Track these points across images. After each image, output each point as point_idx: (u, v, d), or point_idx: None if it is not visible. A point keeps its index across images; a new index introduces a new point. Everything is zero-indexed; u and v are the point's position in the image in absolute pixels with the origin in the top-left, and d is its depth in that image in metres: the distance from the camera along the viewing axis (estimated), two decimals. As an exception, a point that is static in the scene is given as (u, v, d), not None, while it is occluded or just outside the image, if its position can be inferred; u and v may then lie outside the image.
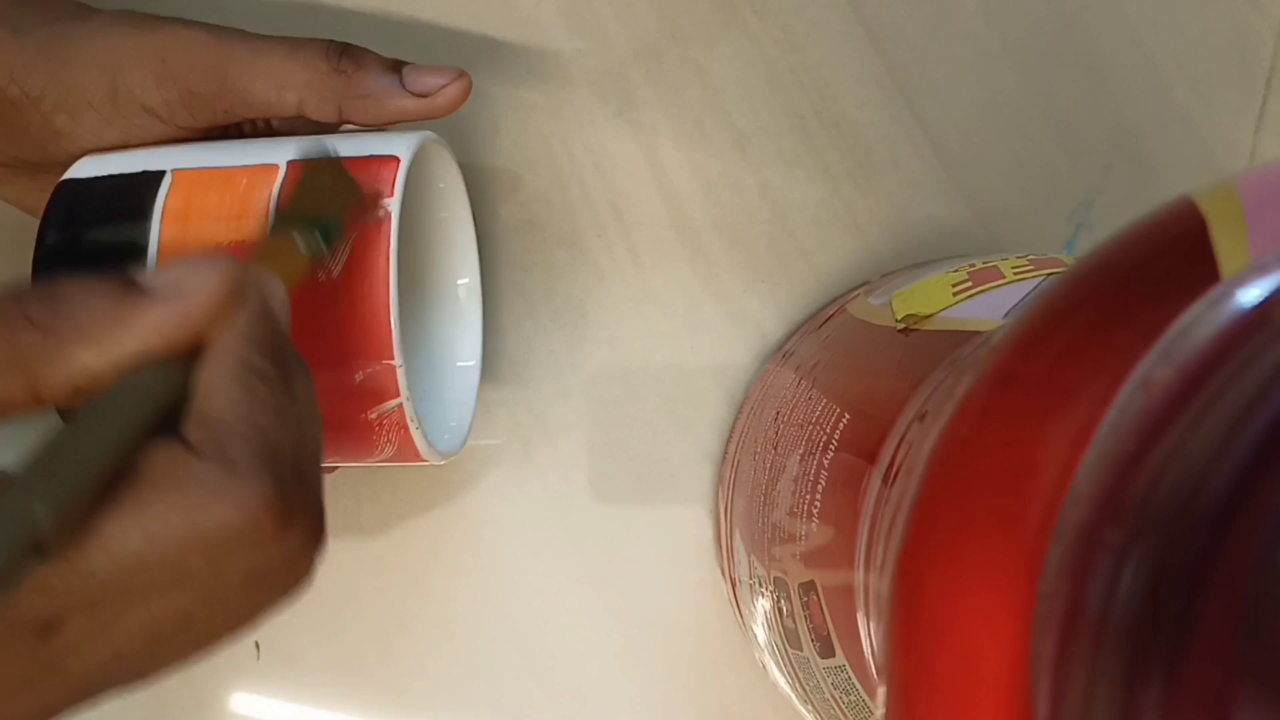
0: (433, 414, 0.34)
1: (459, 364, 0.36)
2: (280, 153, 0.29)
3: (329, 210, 0.27)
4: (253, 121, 0.31)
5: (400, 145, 0.28)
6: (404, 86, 0.30)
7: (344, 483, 0.38)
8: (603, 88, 0.39)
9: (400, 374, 0.28)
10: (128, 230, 0.28)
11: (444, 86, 0.30)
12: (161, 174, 0.29)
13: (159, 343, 0.21)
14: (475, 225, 0.36)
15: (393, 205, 0.27)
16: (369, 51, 0.30)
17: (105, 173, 0.29)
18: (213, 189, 0.28)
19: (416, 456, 0.30)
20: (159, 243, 0.28)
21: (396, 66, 0.30)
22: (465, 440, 0.34)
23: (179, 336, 0.21)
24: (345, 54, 0.30)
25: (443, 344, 0.36)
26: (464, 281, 0.36)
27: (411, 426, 0.29)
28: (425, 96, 0.30)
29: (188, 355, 0.21)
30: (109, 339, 0.20)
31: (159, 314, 0.21)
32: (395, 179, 0.27)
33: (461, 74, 0.30)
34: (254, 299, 0.22)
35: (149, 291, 0.21)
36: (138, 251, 0.28)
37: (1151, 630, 0.14)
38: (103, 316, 0.20)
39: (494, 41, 0.39)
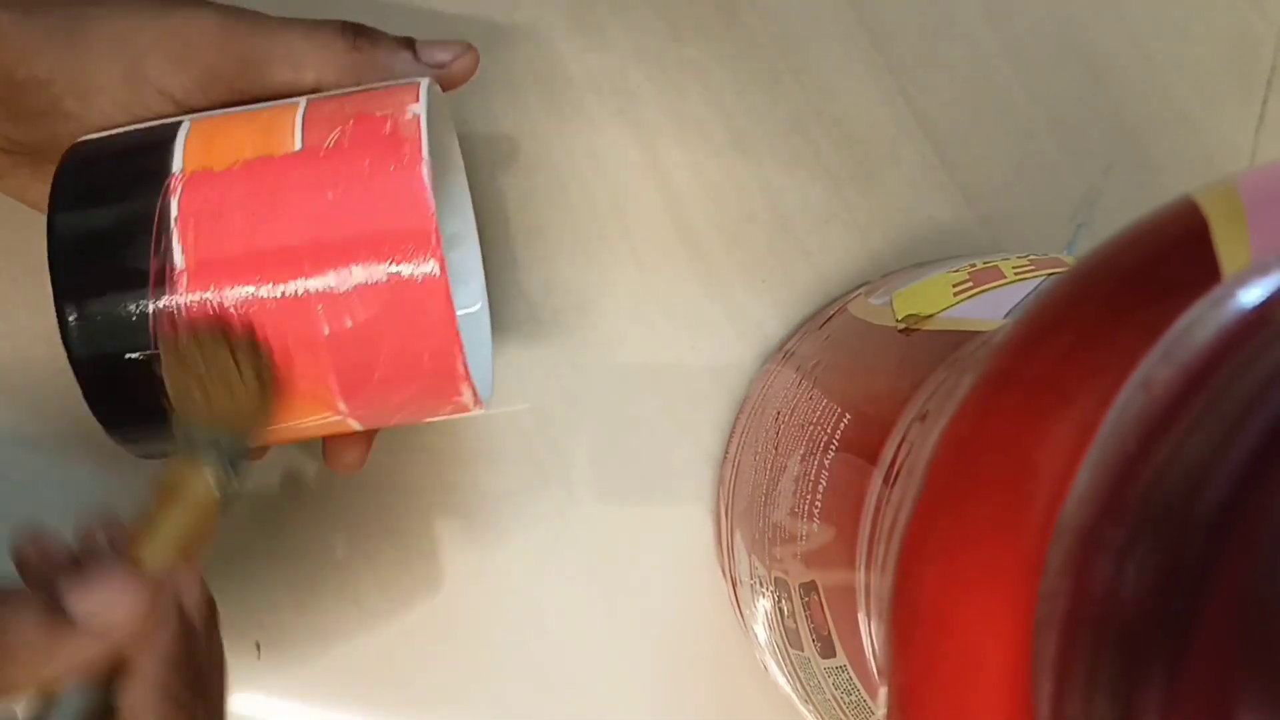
0: None
1: (462, 311, 0.34)
2: (298, 98, 0.29)
3: (235, 409, 0.26)
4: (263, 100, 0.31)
5: (416, 79, 0.29)
6: (419, 61, 0.31)
7: (345, 482, 0.38)
8: (603, 88, 0.39)
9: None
10: (148, 163, 0.28)
11: (457, 58, 0.32)
12: (179, 122, 0.29)
13: (83, 668, 0.23)
14: (476, 227, 0.36)
15: (419, 109, 0.28)
16: (381, 31, 0.31)
17: (121, 130, 0.29)
18: (235, 125, 0.28)
19: (460, 414, 0.29)
20: (184, 161, 0.27)
21: (410, 43, 0.32)
22: (491, 387, 0.33)
23: (102, 661, 0.23)
24: (360, 33, 0.31)
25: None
26: (458, 227, 0.35)
27: (469, 404, 0.28)
28: (439, 68, 0.31)
29: (110, 672, 0.24)
30: (38, 665, 0.23)
31: (84, 645, 0.23)
32: (419, 90, 0.28)
33: (470, 46, 0.32)
34: (172, 618, 0.24)
35: (75, 620, 0.23)
36: (158, 177, 0.27)
37: (1153, 630, 0.14)
38: (33, 646, 0.23)
39: (494, 41, 0.39)
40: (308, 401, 0.27)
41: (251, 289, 0.26)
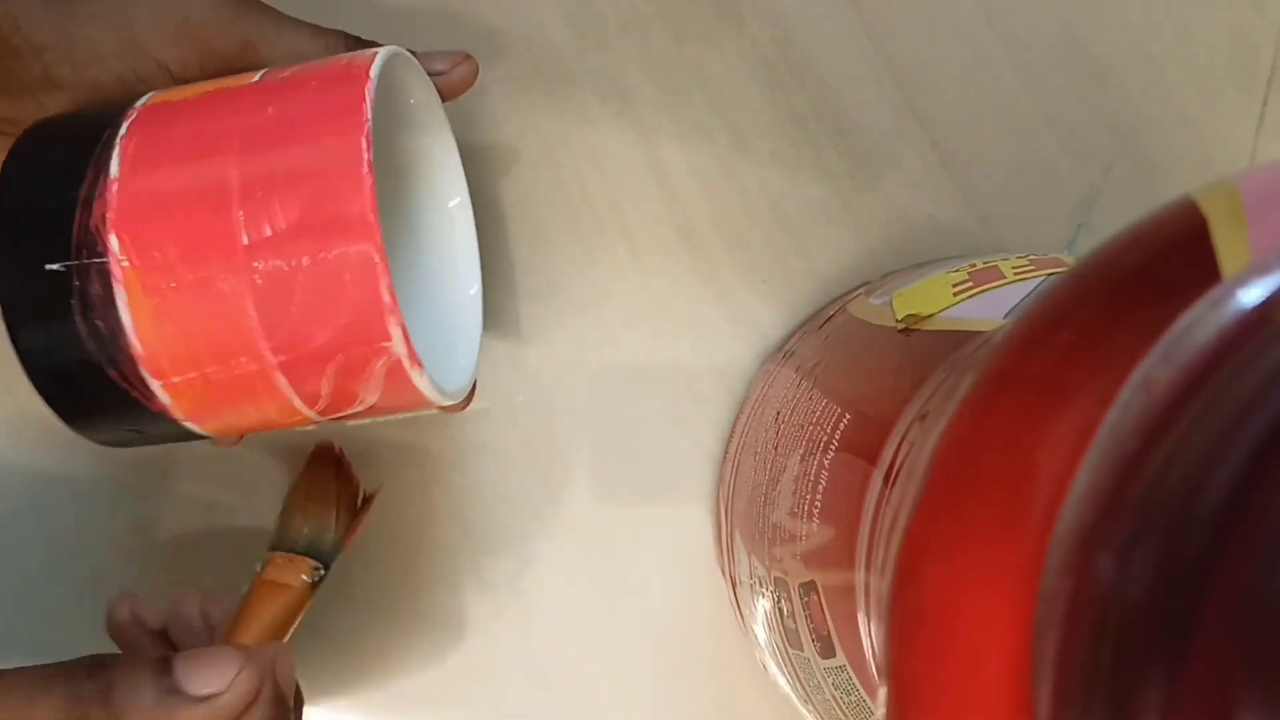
0: (436, 352, 0.30)
1: (469, 293, 0.34)
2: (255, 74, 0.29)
3: (331, 525, 0.33)
4: None
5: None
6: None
7: (344, 483, 0.38)
8: (603, 88, 0.39)
9: (383, 274, 0.25)
10: (112, 108, 0.27)
11: (455, 66, 0.32)
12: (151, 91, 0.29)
13: None
14: (475, 217, 0.35)
15: (379, 51, 0.27)
16: (381, 44, 0.31)
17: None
18: (194, 86, 0.28)
19: (412, 395, 0.27)
20: (147, 100, 0.27)
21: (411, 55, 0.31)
22: (470, 377, 0.31)
23: None
24: (361, 44, 0.31)
25: (440, 278, 0.34)
26: (455, 202, 0.34)
27: (404, 359, 0.26)
28: (439, 76, 0.32)
29: None
30: None
31: (195, 715, 0.25)
32: (371, 63, 0.27)
33: (469, 56, 0.32)
34: (269, 693, 0.27)
35: (186, 689, 0.26)
36: (119, 111, 0.27)
37: (1153, 630, 0.14)
38: (148, 712, 0.25)
39: (494, 41, 0.39)
40: (229, 340, 0.26)
41: (178, 198, 0.25)
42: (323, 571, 0.32)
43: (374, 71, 0.26)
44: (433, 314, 0.33)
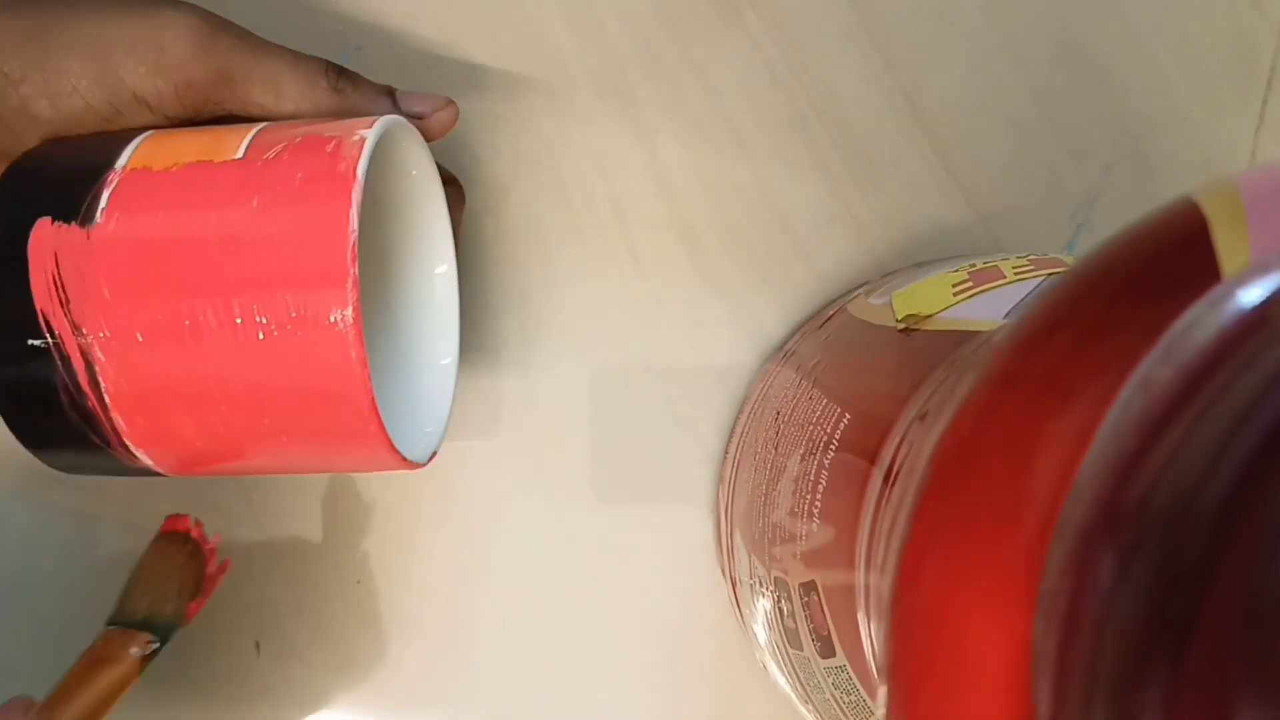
0: (405, 418, 0.31)
1: (442, 362, 0.33)
2: (263, 122, 0.29)
3: (171, 597, 0.33)
4: (236, 118, 0.31)
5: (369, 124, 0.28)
6: (398, 109, 0.31)
7: (344, 483, 0.38)
8: (603, 88, 0.39)
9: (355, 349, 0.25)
10: (94, 160, 0.28)
11: (435, 111, 0.31)
12: (140, 132, 0.29)
13: None
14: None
15: (368, 134, 0.27)
16: (363, 77, 0.31)
17: (85, 135, 0.29)
18: (188, 136, 0.28)
19: (379, 466, 0.28)
20: (128, 161, 0.27)
21: (390, 91, 0.31)
22: (438, 446, 0.31)
23: None
24: (343, 75, 0.31)
25: (416, 342, 0.34)
26: (442, 269, 0.33)
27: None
28: (418, 119, 0.31)
29: None
30: None
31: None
32: (376, 121, 0.27)
33: (450, 101, 0.32)
34: None
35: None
36: (99, 172, 0.27)
37: (1153, 630, 0.14)
38: None
39: (495, 40, 0.39)
40: (207, 419, 0.27)
41: (157, 284, 0.26)
42: (156, 645, 0.32)
43: (360, 170, 0.26)
44: (404, 378, 0.33)
